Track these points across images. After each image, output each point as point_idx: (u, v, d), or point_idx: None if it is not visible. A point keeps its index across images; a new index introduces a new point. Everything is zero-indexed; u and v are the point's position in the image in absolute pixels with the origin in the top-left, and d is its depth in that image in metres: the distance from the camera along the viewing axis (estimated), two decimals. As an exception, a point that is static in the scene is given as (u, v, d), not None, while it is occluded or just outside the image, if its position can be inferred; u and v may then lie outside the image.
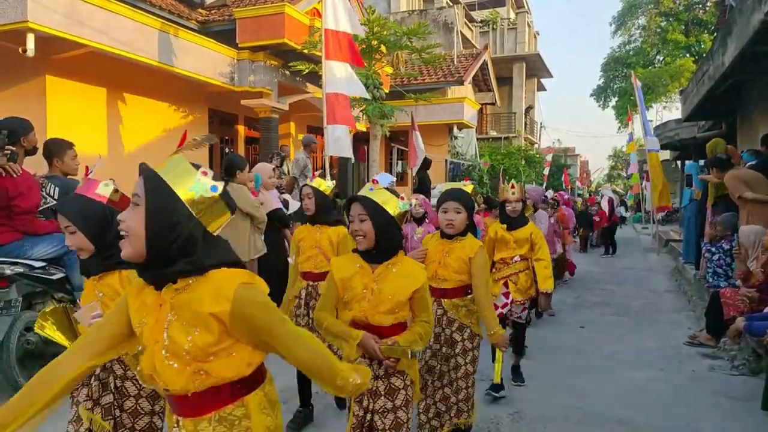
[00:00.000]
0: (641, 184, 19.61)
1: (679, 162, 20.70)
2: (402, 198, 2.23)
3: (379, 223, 2.11)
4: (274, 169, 6.69)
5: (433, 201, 8.64)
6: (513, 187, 3.87)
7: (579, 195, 27.29)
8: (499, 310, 3.81)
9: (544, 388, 4.18)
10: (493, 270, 3.96)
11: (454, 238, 2.84)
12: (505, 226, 3.93)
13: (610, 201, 14.70)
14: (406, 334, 2.17)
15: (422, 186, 10.57)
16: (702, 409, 3.83)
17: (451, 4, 23.67)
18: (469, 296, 2.88)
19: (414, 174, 11.40)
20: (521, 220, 3.93)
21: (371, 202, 2.13)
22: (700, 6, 30.66)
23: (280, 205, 6.02)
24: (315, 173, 8.46)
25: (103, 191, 2.14)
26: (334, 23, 7.68)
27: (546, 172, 25.91)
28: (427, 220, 4.91)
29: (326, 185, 3.48)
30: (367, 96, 7.97)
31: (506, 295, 3.86)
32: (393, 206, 2.16)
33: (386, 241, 2.14)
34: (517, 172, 21.04)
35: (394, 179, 4.32)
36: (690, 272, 8.30)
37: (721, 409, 3.83)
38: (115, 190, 2.18)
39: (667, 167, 29.03)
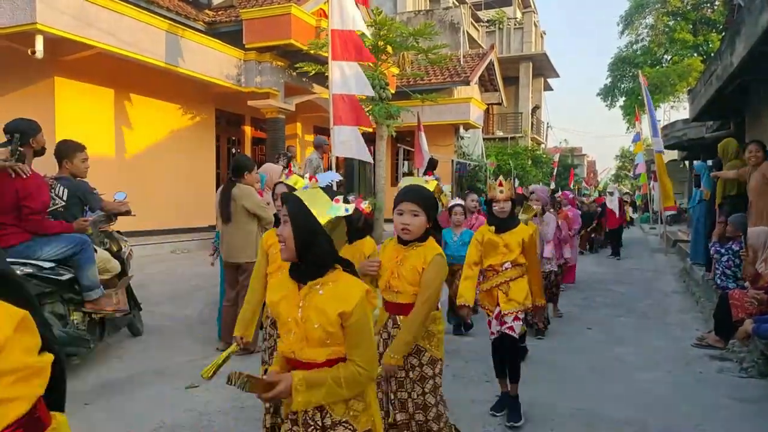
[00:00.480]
0: (649, 185, 19.52)
1: (686, 162, 20.57)
2: (339, 201, 1.77)
3: (301, 229, 1.69)
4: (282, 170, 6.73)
5: (453, 201, 8.69)
6: (501, 184, 3.49)
7: (585, 195, 27.15)
8: (494, 327, 3.59)
9: (551, 389, 4.16)
10: (482, 279, 3.61)
11: (410, 244, 2.47)
12: (493, 228, 3.52)
13: (621, 201, 14.25)
14: (306, 373, 1.68)
15: (428, 186, 10.59)
16: (709, 411, 3.81)
17: (457, 4, 23.64)
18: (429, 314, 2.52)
19: (420, 175, 11.42)
20: (511, 222, 3.53)
21: (296, 203, 1.72)
22: (708, 5, 30.44)
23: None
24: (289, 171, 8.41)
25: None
26: (341, 23, 7.70)
27: (554, 172, 25.85)
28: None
29: (303, 183, 3.09)
30: (372, 93, 7.98)
31: (494, 310, 3.57)
32: (321, 210, 1.73)
33: (310, 253, 1.71)
34: (524, 172, 20.99)
35: (339, 178, 3.88)
36: (698, 273, 8.25)
37: (729, 412, 3.81)
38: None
39: (675, 167, 28.94)
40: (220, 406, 3.64)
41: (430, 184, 2.69)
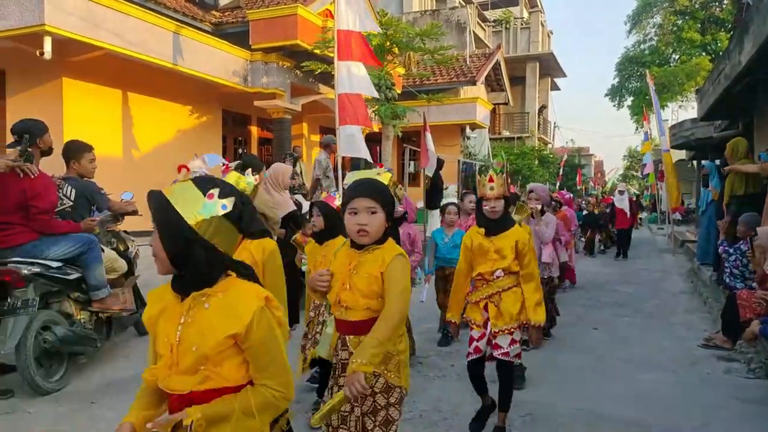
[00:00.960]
0: (657, 185, 19.42)
1: (695, 162, 20.44)
2: (213, 196, 1.39)
3: (167, 236, 1.36)
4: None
5: (447, 200, 8.65)
6: (491, 180, 3.03)
7: (591, 195, 26.98)
8: (475, 344, 3.14)
9: (556, 390, 4.15)
10: (471, 289, 3.21)
11: (366, 247, 2.06)
12: (483, 230, 3.10)
13: (631, 201, 13.72)
14: (205, 407, 1.35)
15: (435, 186, 10.57)
16: (714, 411, 3.79)
17: (463, 3, 23.62)
18: None
19: (428, 175, 11.39)
20: (504, 223, 3.10)
21: (159, 202, 1.38)
22: (717, 4, 30.22)
23: (294, 207, 6.08)
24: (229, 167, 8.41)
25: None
26: (347, 24, 7.71)
27: (561, 172, 25.76)
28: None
29: (246, 182, 2.64)
30: (376, 95, 7.99)
31: (482, 325, 3.13)
32: (190, 209, 1.36)
33: (188, 264, 1.38)
34: (530, 172, 20.92)
35: (223, 161, 2.70)
36: (706, 273, 8.20)
37: (734, 412, 3.78)
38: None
39: (683, 167, 28.74)
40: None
41: (384, 177, 2.42)
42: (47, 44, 7.71)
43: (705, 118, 11.35)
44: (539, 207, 4.89)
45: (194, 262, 1.37)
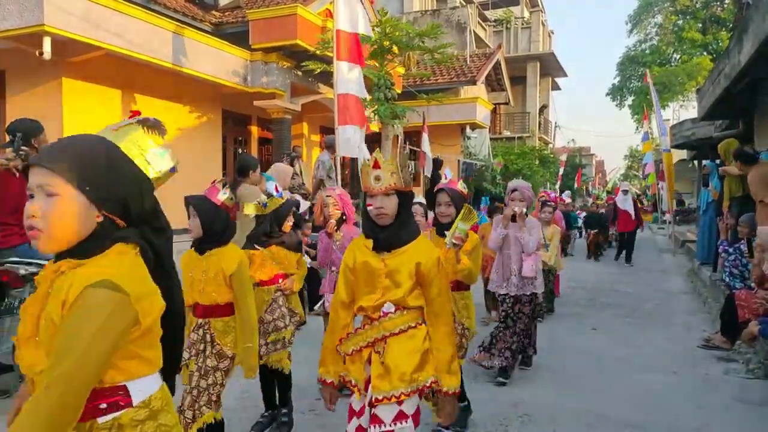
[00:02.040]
0: (657, 185, 19.39)
1: (695, 162, 20.41)
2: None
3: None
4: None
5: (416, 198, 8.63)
6: (377, 166, 1.97)
7: (591, 195, 26.94)
8: (355, 422, 2.10)
9: (555, 390, 4.14)
10: (347, 334, 2.14)
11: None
12: (370, 243, 2.06)
13: (635, 201, 12.76)
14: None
15: (434, 186, 10.56)
16: (715, 413, 3.78)
17: (464, 3, 23.59)
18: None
19: (429, 174, 11.40)
20: (399, 234, 2.03)
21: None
22: (718, 3, 30.19)
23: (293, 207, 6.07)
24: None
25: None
26: (346, 24, 7.71)
27: (561, 172, 25.72)
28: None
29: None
30: (367, 96, 7.97)
31: (365, 387, 2.04)
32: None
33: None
34: (531, 172, 20.90)
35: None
36: (705, 273, 8.19)
37: (735, 414, 3.77)
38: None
39: (684, 167, 28.70)
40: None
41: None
42: (47, 44, 7.70)
43: (705, 118, 11.32)
44: (524, 209, 4.10)
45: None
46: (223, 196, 2.62)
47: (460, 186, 3.53)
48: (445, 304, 2.08)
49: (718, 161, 8.89)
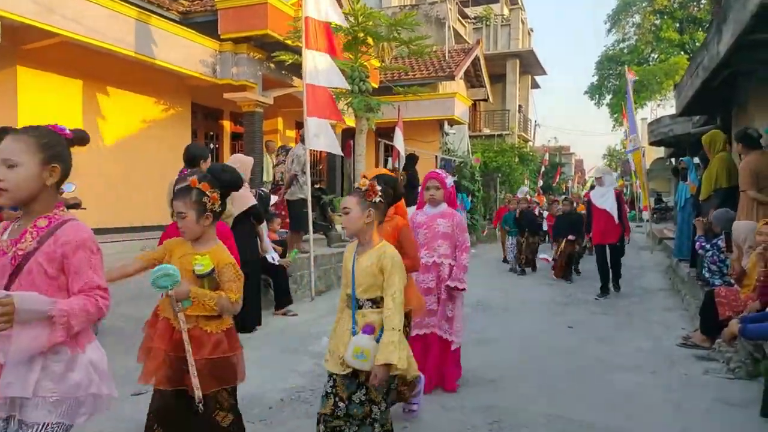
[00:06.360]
0: (636, 183, 19.41)
1: (673, 159, 20.47)
2: None
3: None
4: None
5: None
6: None
7: (564, 194, 26.77)
8: None
9: (527, 394, 3.89)
10: None
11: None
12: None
13: (619, 195, 8.08)
14: None
15: (410, 182, 10.28)
16: (695, 415, 3.56)
17: (443, -1, 23.36)
18: None
19: (400, 169, 11.13)
20: None
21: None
22: (695, 3, 30.47)
23: (255, 201, 5.75)
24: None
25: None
26: (315, 11, 7.40)
27: (542, 170, 25.69)
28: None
29: None
30: (347, 86, 7.67)
31: None
32: None
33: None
34: (510, 170, 20.77)
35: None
36: (683, 270, 8.04)
37: (716, 416, 3.56)
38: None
39: (662, 165, 28.87)
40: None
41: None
42: (-3, 29, 7.25)
43: (683, 113, 11.22)
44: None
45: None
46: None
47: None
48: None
49: (696, 159, 8.78)
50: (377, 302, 2.46)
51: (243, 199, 5.35)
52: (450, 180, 4.00)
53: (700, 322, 5.01)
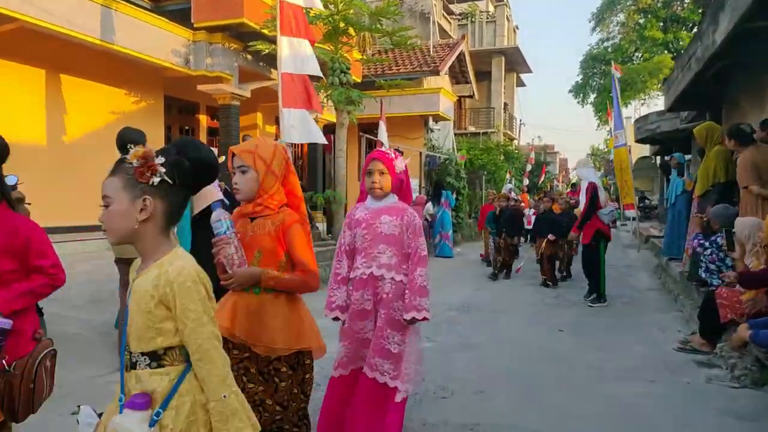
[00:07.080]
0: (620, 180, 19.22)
1: (658, 157, 20.35)
2: None
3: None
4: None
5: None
6: None
7: (540, 189, 26.49)
8: None
9: (515, 405, 3.53)
10: None
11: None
12: None
13: (591, 188, 7.10)
14: None
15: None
16: (701, 430, 3.22)
17: (428, -6, 23.00)
18: None
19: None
20: None
21: None
22: (679, 2, 30.51)
23: (222, 196, 5.31)
24: None
25: None
26: (291, -5, 6.97)
27: (528, 168, 25.47)
28: None
29: None
30: (320, 74, 7.25)
31: None
32: None
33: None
34: (495, 168, 20.51)
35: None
36: (675, 269, 7.77)
37: (724, 430, 3.22)
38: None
39: (647, 164, 28.85)
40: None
41: None
42: (-54, 12, 6.72)
43: (672, 109, 11.01)
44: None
45: None
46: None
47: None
48: None
49: (688, 156, 8.51)
50: (159, 358, 1.46)
51: (205, 195, 4.13)
52: (401, 163, 2.88)
53: (700, 325, 4.70)
